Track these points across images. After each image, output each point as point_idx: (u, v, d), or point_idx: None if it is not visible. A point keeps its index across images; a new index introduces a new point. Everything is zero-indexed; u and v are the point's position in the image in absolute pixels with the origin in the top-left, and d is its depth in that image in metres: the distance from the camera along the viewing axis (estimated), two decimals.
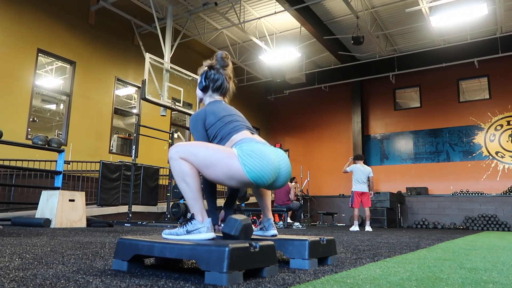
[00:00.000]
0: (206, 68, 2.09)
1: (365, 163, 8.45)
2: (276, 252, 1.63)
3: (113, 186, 7.91)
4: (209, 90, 2.06)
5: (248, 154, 1.72)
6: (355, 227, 7.81)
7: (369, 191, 7.90)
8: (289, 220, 11.28)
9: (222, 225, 1.91)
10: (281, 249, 1.86)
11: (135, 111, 11.20)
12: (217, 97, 2.07)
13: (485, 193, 11.48)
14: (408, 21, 10.96)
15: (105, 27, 10.05)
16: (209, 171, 1.72)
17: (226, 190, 11.28)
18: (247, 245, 1.43)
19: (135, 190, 8.12)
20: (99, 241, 3.10)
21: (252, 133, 1.93)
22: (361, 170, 7.96)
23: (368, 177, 7.94)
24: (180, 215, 7.87)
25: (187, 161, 1.71)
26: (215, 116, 1.92)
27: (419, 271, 1.82)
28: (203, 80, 2.06)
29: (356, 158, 8.22)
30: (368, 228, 7.76)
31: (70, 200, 5.80)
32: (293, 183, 11.65)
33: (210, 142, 1.91)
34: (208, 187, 1.99)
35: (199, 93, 2.11)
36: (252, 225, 1.92)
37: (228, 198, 2.17)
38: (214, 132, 1.90)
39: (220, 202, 10.62)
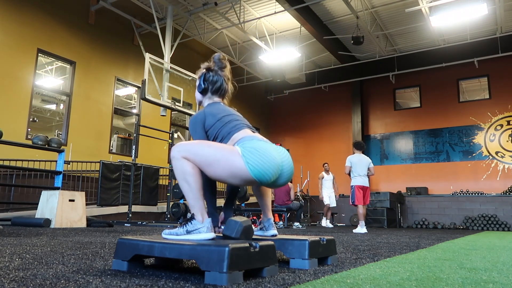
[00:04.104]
0: (204, 70, 2.08)
1: (364, 153, 7.31)
2: (276, 252, 1.63)
3: (113, 186, 7.91)
4: (208, 93, 2.06)
5: (250, 151, 1.72)
6: (361, 228, 6.65)
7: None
8: (326, 223, 10.02)
9: (223, 227, 1.91)
10: (281, 249, 1.86)
11: (135, 111, 11.20)
12: (216, 99, 2.07)
13: (485, 193, 11.47)
14: (408, 21, 10.96)
15: (105, 27, 10.05)
16: (211, 169, 1.71)
17: (226, 189, 11.27)
18: (247, 245, 1.43)
19: (135, 190, 8.12)
20: (99, 241, 3.10)
21: (252, 132, 1.92)
22: (361, 161, 6.94)
23: (369, 168, 6.97)
24: (180, 215, 7.87)
25: (189, 160, 1.71)
26: (214, 117, 1.92)
27: (419, 271, 1.82)
28: (201, 82, 2.05)
29: (356, 147, 7.13)
30: (362, 229, 6.70)
31: (70, 200, 5.80)
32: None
33: None
34: (208, 188, 1.98)
35: (198, 96, 2.11)
36: (252, 226, 1.92)
37: (228, 198, 2.16)
38: (214, 133, 1.90)
39: (220, 202, 10.61)
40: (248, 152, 1.71)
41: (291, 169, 1.87)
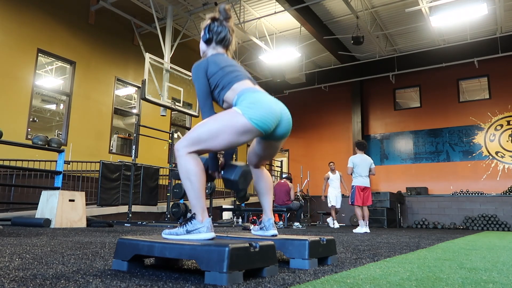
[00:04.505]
0: (209, 20, 2.10)
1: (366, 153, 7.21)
2: (276, 252, 1.63)
3: (113, 186, 7.91)
4: (212, 43, 2.08)
5: (249, 107, 1.77)
6: (362, 228, 6.65)
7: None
8: (334, 224, 9.52)
9: (222, 172, 1.96)
10: (281, 249, 1.86)
11: (135, 111, 11.20)
12: (220, 49, 2.09)
13: (485, 193, 11.47)
14: (408, 21, 10.96)
15: (105, 27, 10.05)
16: (220, 139, 1.74)
17: (226, 190, 11.27)
18: (247, 245, 1.43)
19: (135, 190, 8.12)
20: (99, 241, 3.10)
21: (253, 84, 1.97)
22: (363, 162, 6.87)
23: (370, 168, 6.91)
24: (180, 215, 7.87)
25: (195, 151, 1.74)
26: (217, 65, 1.95)
27: (419, 271, 1.82)
28: (206, 32, 2.07)
29: (359, 147, 7.04)
30: (366, 229, 6.71)
31: (70, 200, 5.80)
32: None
33: (212, 91, 1.95)
34: None
35: (202, 46, 2.12)
36: (250, 171, 1.99)
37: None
38: (215, 82, 1.93)
39: (220, 202, 10.61)
40: (247, 108, 1.77)
41: (289, 119, 1.96)
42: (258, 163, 2.13)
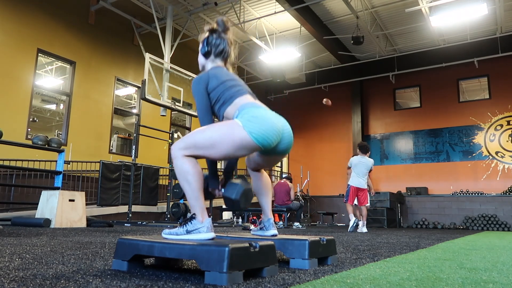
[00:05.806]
0: (208, 33, 2.06)
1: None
2: (276, 252, 1.63)
3: (113, 186, 7.91)
4: (211, 55, 2.03)
5: (250, 120, 1.73)
6: (355, 223, 6.70)
7: (369, 190, 6.99)
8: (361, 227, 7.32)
9: (223, 190, 1.92)
10: (281, 249, 1.86)
11: (135, 111, 11.20)
12: (220, 62, 2.05)
13: (485, 193, 11.47)
14: (408, 21, 10.96)
15: (105, 27, 10.05)
16: (217, 150, 1.72)
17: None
18: (247, 245, 1.43)
19: (135, 190, 8.12)
20: (99, 241, 3.10)
21: (254, 98, 1.93)
22: (361, 162, 6.95)
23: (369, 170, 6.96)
24: (180, 215, 7.86)
25: (192, 155, 1.72)
26: (218, 80, 1.91)
27: (419, 271, 1.82)
28: (205, 45, 2.03)
29: (361, 149, 7.07)
30: (363, 229, 6.75)
31: (70, 200, 5.80)
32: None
33: (212, 106, 1.91)
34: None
35: (201, 59, 2.08)
36: (251, 190, 1.94)
37: (228, 163, 2.15)
38: (216, 96, 1.89)
39: (220, 202, 10.60)
40: (248, 122, 1.72)
41: (291, 135, 1.91)
42: (256, 168, 2.11)
